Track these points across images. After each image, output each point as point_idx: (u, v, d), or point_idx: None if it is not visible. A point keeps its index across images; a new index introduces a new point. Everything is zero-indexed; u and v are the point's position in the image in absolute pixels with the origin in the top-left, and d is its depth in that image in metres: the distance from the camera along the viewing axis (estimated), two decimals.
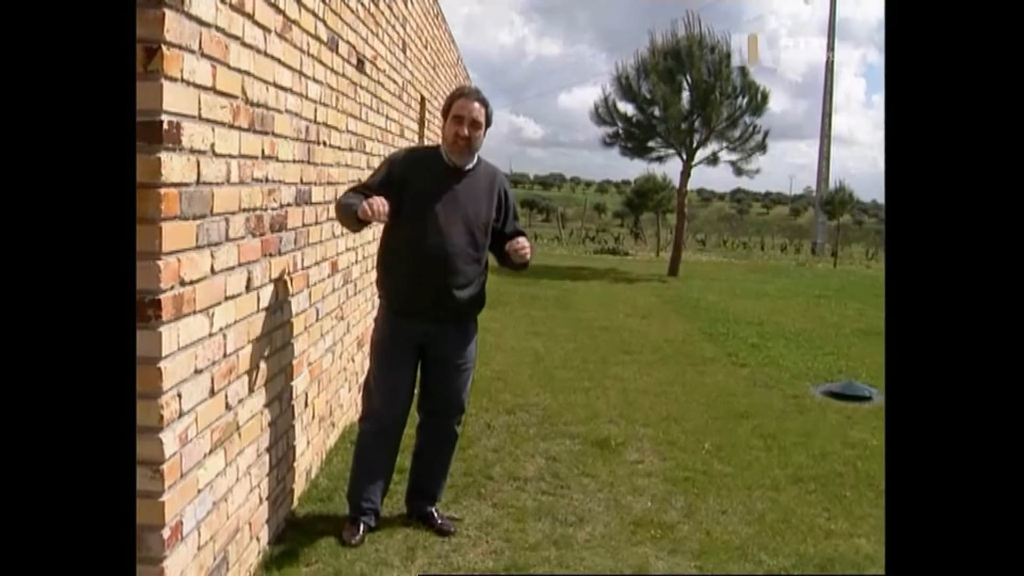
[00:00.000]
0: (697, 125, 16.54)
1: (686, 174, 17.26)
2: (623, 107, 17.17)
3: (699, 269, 18.95)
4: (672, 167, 33.21)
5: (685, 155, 16.91)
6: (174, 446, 2.21)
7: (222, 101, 2.44)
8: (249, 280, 2.79)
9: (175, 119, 2.11)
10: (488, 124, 3.46)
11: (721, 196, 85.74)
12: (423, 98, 7.09)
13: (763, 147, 16.83)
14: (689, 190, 18.33)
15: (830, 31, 34.27)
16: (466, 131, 3.35)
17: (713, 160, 17.11)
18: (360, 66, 4.41)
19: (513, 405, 5.58)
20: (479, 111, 3.39)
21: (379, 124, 5.12)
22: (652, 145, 17.26)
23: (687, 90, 16.42)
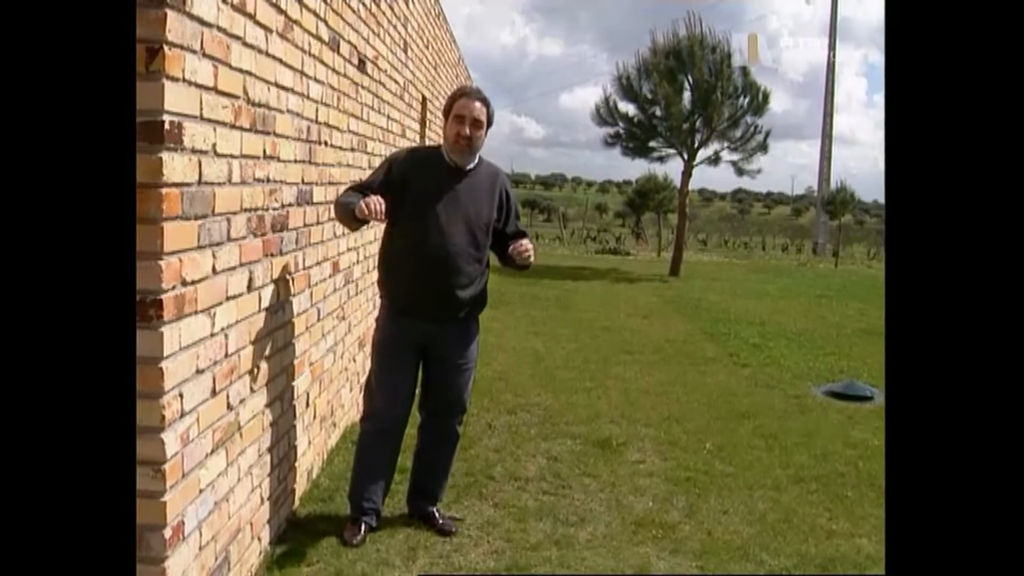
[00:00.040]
0: (698, 125, 16.54)
1: (687, 174, 17.26)
2: (624, 107, 17.20)
3: (700, 269, 18.94)
4: (673, 167, 33.11)
5: (686, 155, 16.90)
6: (176, 446, 2.22)
7: (224, 101, 2.44)
8: (251, 280, 2.79)
9: (177, 119, 2.12)
10: (489, 124, 3.46)
11: (722, 196, 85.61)
12: (424, 98, 7.09)
13: (764, 147, 16.84)
14: (690, 190, 18.33)
15: (831, 31, 34.33)
16: (467, 131, 3.36)
17: (714, 160, 17.10)
18: (361, 66, 4.42)
19: (514, 405, 5.58)
20: (480, 111, 3.39)
21: (380, 124, 5.13)
22: (653, 145, 17.25)
23: (688, 90, 16.42)
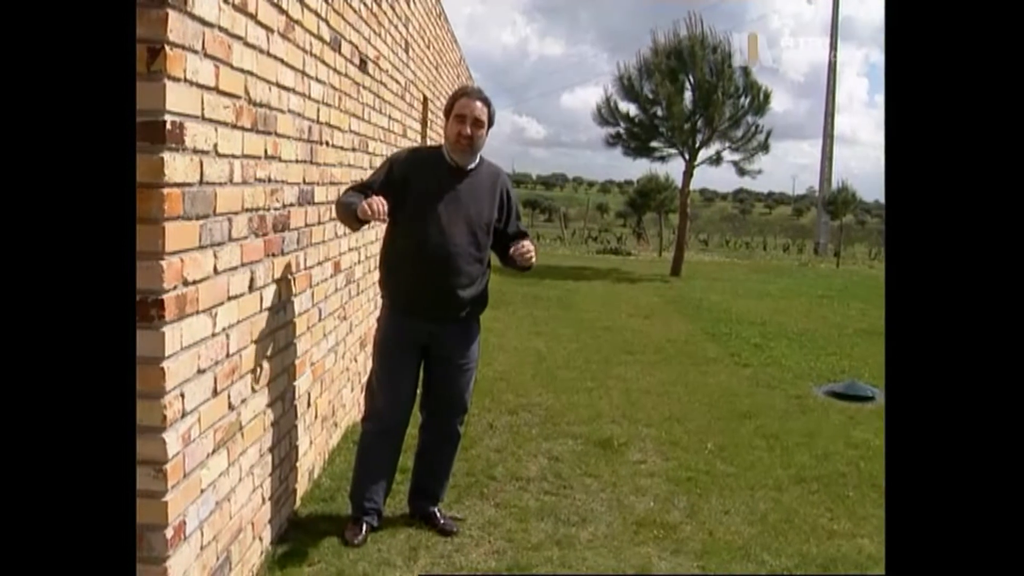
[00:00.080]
0: (699, 125, 16.54)
1: (689, 174, 17.26)
2: (625, 107, 17.20)
3: (702, 269, 18.94)
4: (675, 167, 33.09)
5: (688, 155, 16.90)
6: (177, 446, 2.22)
7: (225, 101, 2.44)
8: (252, 280, 2.79)
9: (178, 119, 2.12)
10: (490, 123, 3.46)
11: (724, 196, 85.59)
12: (426, 98, 7.09)
13: (766, 147, 16.84)
14: (692, 190, 18.34)
15: (833, 31, 34.29)
16: (468, 130, 3.35)
17: (716, 160, 17.10)
18: (363, 66, 4.42)
19: (516, 405, 5.58)
20: (481, 110, 3.39)
21: (382, 124, 5.13)
22: (655, 145, 17.25)
23: (689, 90, 16.42)
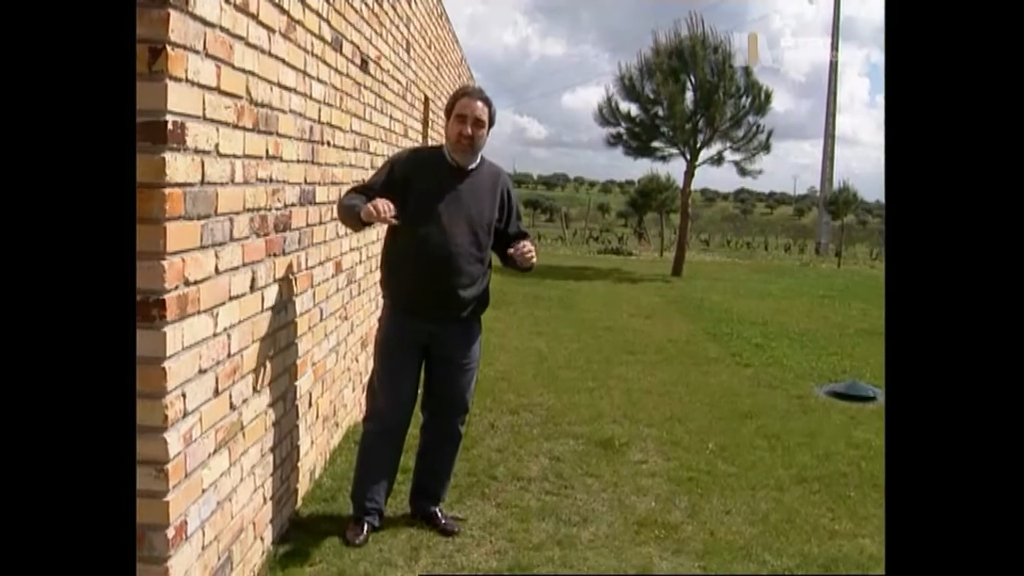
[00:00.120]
0: (701, 125, 16.54)
1: (690, 174, 17.25)
2: (626, 107, 17.20)
3: (703, 269, 18.93)
4: (676, 167, 33.09)
5: (689, 155, 16.90)
6: (178, 446, 2.22)
7: (226, 101, 2.44)
8: (253, 280, 2.80)
9: (179, 119, 2.12)
10: (491, 123, 3.46)
11: (725, 196, 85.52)
12: (427, 98, 7.09)
13: (767, 147, 16.84)
14: (693, 190, 18.34)
15: (834, 31, 34.25)
16: (469, 130, 3.35)
17: (717, 160, 17.10)
18: (364, 66, 4.42)
19: (517, 405, 5.58)
20: (482, 110, 3.39)
21: (383, 124, 5.13)
22: (656, 145, 17.24)
23: (691, 90, 16.42)
